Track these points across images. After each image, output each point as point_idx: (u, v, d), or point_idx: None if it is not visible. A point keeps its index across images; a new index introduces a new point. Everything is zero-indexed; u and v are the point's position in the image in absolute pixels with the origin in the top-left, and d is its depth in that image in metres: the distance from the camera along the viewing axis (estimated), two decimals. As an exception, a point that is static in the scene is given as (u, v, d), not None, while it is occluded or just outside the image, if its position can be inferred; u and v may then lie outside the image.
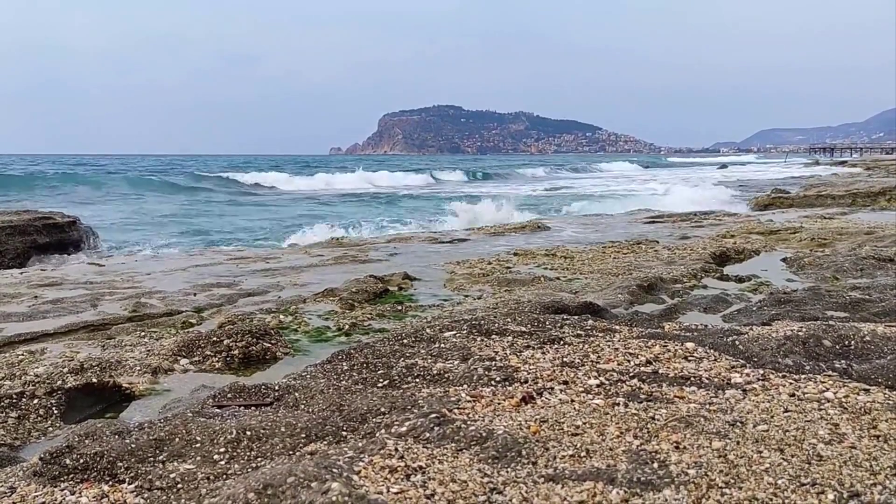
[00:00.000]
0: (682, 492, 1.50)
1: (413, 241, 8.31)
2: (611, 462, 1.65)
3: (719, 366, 2.44)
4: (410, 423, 1.89)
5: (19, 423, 2.48)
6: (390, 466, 1.63)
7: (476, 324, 3.05)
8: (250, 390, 2.33)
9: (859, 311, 3.69)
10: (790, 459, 1.64)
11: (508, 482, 1.56)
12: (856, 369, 2.36)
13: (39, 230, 8.33)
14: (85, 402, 2.76)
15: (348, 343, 3.51)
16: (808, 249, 6.39)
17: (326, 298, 4.61)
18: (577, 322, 3.15)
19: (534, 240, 8.15)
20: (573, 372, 2.39)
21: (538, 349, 2.70)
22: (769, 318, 3.65)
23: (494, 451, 1.72)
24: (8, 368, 2.99)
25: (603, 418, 1.94)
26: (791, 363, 2.46)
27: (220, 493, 1.53)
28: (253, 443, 1.86)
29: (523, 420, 1.94)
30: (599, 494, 1.50)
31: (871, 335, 2.65)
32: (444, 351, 2.69)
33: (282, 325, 3.93)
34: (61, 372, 2.87)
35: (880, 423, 1.84)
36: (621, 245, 7.10)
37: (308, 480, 1.49)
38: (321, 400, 2.16)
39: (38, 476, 1.77)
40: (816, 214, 10.07)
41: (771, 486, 1.52)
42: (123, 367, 3.05)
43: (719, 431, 1.80)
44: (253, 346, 3.33)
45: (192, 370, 3.13)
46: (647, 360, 2.51)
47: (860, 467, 1.59)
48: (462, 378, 2.35)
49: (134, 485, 1.70)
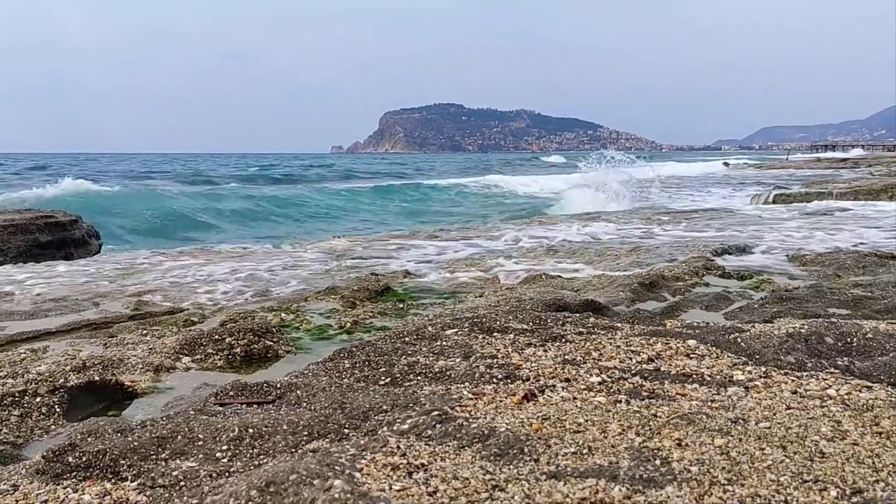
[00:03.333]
0: (684, 489, 1.50)
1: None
2: (613, 459, 1.65)
3: (721, 363, 2.43)
4: (412, 421, 1.89)
5: (22, 421, 2.49)
6: (392, 464, 1.63)
7: (478, 321, 3.04)
8: (252, 388, 2.33)
9: (861, 309, 3.69)
10: (792, 456, 1.64)
11: (510, 479, 1.56)
12: (858, 366, 2.36)
13: (41, 228, 8.33)
14: (87, 400, 2.76)
15: (350, 341, 3.51)
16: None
17: (328, 296, 4.61)
18: (579, 319, 3.14)
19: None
20: (575, 369, 2.38)
21: (540, 347, 2.69)
22: (771, 316, 3.65)
23: (496, 448, 1.72)
24: (10, 367, 2.99)
25: (605, 416, 1.94)
26: (793, 360, 2.46)
27: (223, 491, 1.53)
28: (255, 440, 1.87)
29: (525, 417, 1.94)
30: (602, 492, 1.50)
31: (873, 332, 2.65)
32: (445, 348, 2.69)
33: (283, 323, 3.93)
34: (63, 370, 2.87)
35: (883, 420, 1.84)
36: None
37: (310, 478, 1.49)
38: (323, 397, 2.16)
39: (40, 474, 1.78)
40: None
41: (773, 482, 1.52)
42: (125, 365, 3.06)
43: (721, 429, 1.80)
44: (255, 343, 3.34)
45: (194, 368, 3.14)
46: (649, 357, 2.51)
47: (863, 464, 1.59)
48: (464, 376, 2.35)
49: (136, 482, 1.70)
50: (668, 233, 8.35)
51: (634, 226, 9.16)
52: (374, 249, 7.37)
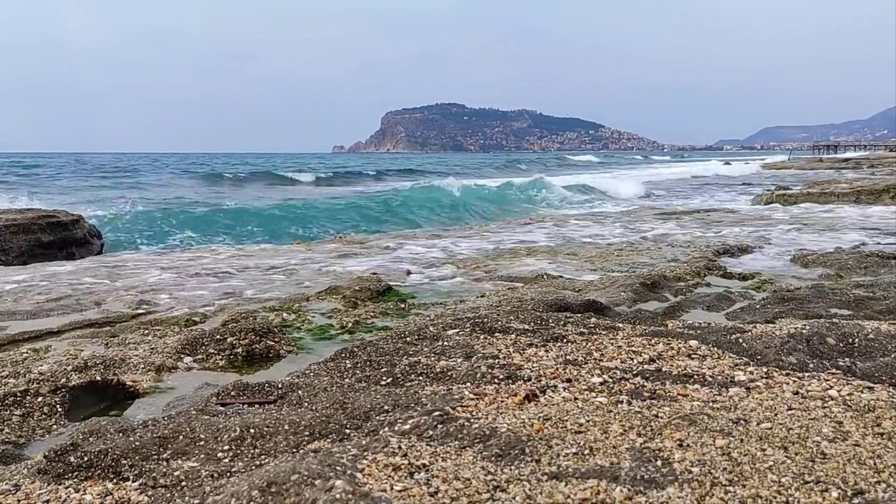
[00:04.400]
0: (685, 490, 1.50)
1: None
2: (614, 460, 1.65)
3: (722, 364, 2.43)
4: (414, 421, 1.89)
5: (24, 420, 2.49)
6: (394, 464, 1.63)
7: (479, 321, 3.04)
8: (254, 388, 2.33)
9: (863, 309, 3.68)
10: (794, 457, 1.63)
11: (511, 480, 1.56)
12: (859, 367, 2.36)
13: (43, 228, 8.34)
14: (89, 399, 2.77)
15: (351, 341, 3.51)
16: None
17: (329, 296, 4.61)
18: (581, 320, 3.14)
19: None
20: (576, 370, 2.38)
21: (541, 347, 2.69)
22: (773, 316, 3.65)
23: (497, 448, 1.72)
24: (12, 366, 3.00)
25: (606, 416, 1.94)
26: (794, 361, 2.46)
27: (224, 491, 1.53)
28: (256, 440, 1.87)
29: (526, 418, 1.94)
30: (603, 492, 1.50)
31: (874, 333, 2.65)
32: (447, 349, 2.69)
33: (285, 323, 3.93)
34: (65, 370, 2.87)
35: (884, 421, 1.84)
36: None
37: (312, 478, 1.49)
38: (324, 398, 2.16)
39: (42, 474, 1.78)
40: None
41: (775, 483, 1.51)
42: (127, 364, 3.06)
43: (723, 429, 1.80)
44: (256, 343, 3.34)
45: (195, 368, 3.14)
46: (651, 357, 2.51)
47: (864, 465, 1.59)
48: (465, 376, 2.35)
49: (138, 482, 1.70)
50: (667, 232, 8.34)
51: (634, 225, 9.15)
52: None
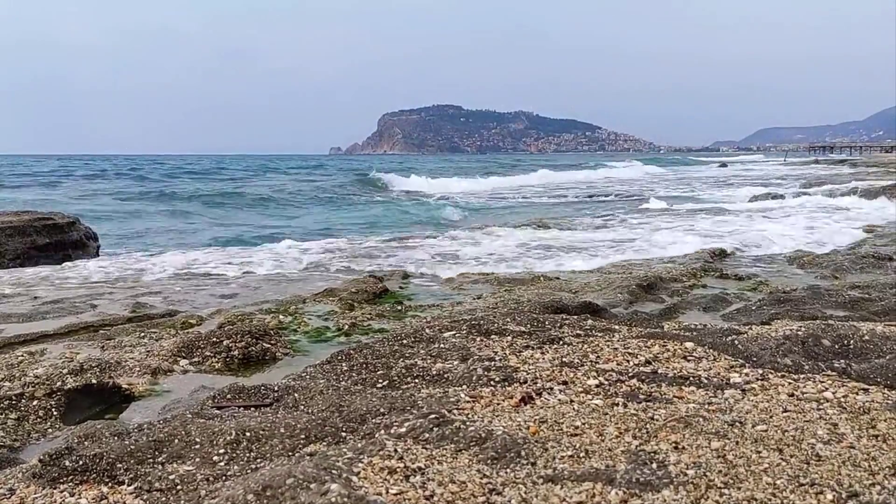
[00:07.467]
0: (680, 492, 1.50)
1: None
2: (610, 462, 1.65)
3: (718, 365, 2.44)
4: (410, 424, 1.89)
5: (19, 424, 2.48)
6: (389, 467, 1.63)
7: (475, 324, 3.04)
8: (250, 391, 2.33)
9: (859, 310, 3.69)
10: (789, 459, 1.64)
11: (507, 483, 1.56)
12: (855, 369, 2.36)
13: (39, 231, 8.31)
14: (84, 403, 2.76)
15: (348, 343, 3.51)
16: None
17: (326, 298, 4.61)
18: (577, 322, 3.15)
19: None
20: (572, 372, 2.39)
21: (537, 349, 2.70)
22: (768, 318, 3.65)
23: (493, 451, 1.72)
24: (7, 370, 2.99)
25: (602, 418, 1.94)
26: (790, 363, 2.46)
27: (220, 495, 1.53)
28: (252, 444, 1.87)
29: (522, 420, 1.94)
30: (598, 495, 1.50)
31: (870, 334, 2.65)
32: (443, 351, 2.69)
33: (281, 326, 3.93)
34: (61, 373, 2.87)
35: (879, 423, 1.84)
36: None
37: (307, 482, 1.49)
38: (320, 401, 2.16)
39: (37, 478, 1.77)
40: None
41: (770, 486, 1.52)
42: (123, 367, 3.05)
43: (718, 431, 1.80)
44: (252, 346, 3.33)
45: (191, 371, 3.13)
46: (647, 359, 2.51)
47: (859, 467, 1.59)
48: (461, 378, 2.35)
49: (133, 486, 1.70)
50: (667, 232, 8.35)
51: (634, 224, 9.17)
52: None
